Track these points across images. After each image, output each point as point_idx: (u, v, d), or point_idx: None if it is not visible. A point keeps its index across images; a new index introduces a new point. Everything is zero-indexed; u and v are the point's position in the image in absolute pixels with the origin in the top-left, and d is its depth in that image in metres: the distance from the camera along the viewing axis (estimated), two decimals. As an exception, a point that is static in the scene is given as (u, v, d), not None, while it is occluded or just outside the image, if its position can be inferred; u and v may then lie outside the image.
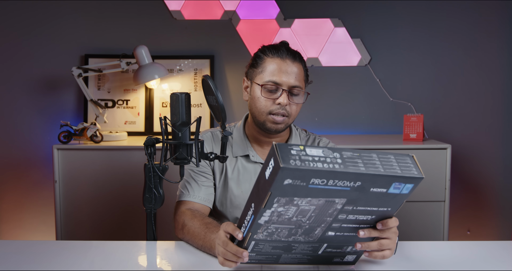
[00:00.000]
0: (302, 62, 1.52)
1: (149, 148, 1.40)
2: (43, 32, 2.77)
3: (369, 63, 2.81)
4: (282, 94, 1.46)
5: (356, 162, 0.95)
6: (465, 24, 2.79)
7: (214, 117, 1.44)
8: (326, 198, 0.97)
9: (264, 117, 1.49)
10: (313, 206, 0.99)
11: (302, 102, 1.51)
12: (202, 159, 1.40)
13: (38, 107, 2.80)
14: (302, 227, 1.04)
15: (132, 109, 2.77)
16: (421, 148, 2.41)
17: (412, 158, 1.03)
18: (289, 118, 1.49)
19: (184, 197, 1.51)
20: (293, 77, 1.47)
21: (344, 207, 1.01)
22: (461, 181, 2.83)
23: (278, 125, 1.49)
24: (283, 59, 1.48)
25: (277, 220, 1.01)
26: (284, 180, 0.91)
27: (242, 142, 1.58)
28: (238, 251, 1.07)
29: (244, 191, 1.55)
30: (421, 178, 1.01)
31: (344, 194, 0.97)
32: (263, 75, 1.48)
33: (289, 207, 0.98)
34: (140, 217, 2.27)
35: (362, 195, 0.99)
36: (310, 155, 0.93)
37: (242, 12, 2.79)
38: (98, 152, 2.41)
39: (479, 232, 2.86)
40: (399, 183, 0.99)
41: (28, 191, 2.81)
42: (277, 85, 1.47)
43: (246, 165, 1.56)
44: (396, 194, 1.02)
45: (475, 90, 2.82)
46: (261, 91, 1.48)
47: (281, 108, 1.47)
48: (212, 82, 1.35)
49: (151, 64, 2.53)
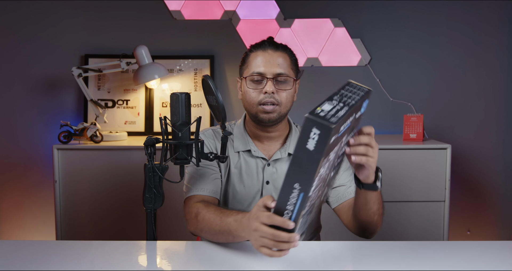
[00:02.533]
0: (288, 52, 1.55)
1: (149, 147, 1.40)
2: (43, 32, 2.78)
3: (369, 63, 2.81)
4: (268, 82, 1.49)
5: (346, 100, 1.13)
6: (465, 24, 2.79)
7: (214, 117, 1.44)
8: (342, 139, 1.11)
9: (255, 109, 1.51)
10: (334, 153, 1.08)
11: (290, 89, 1.52)
12: (202, 158, 1.40)
13: (38, 107, 2.80)
14: (325, 180, 1.12)
15: (132, 109, 2.77)
16: (421, 148, 2.41)
17: (351, 82, 1.23)
18: (281, 107, 1.51)
19: (192, 192, 1.51)
20: (276, 65, 1.50)
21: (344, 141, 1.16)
22: (461, 181, 2.83)
23: (270, 114, 1.50)
24: (265, 50, 1.52)
25: (317, 184, 1.06)
26: (331, 139, 0.99)
27: (243, 137, 1.60)
28: (290, 237, 1.05)
29: (246, 186, 1.57)
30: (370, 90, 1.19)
31: (348, 129, 1.12)
32: (249, 69, 1.53)
33: (325, 164, 1.04)
34: (140, 217, 2.27)
35: (355, 123, 1.16)
36: (328, 110, 1.06)
37: (242, 12, 2.79)
38: (98, 152, 2.41)
39: (479, 232, 2.86)
40: (366, 102, 1.18)
41: (28, 191, 2.81)
42: (261, 75, 1.50)
43: (248, 160, 1.58)
44: (362, 113, 1.20)
45: (475, 90, 2.82)
46: (248, 83, 1.52)
47: (269, 97, 1.49)
48: (212, 82, 1.35)
49: (151, 64, 2.53)
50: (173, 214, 2.29)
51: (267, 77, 1.50)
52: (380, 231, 1.45)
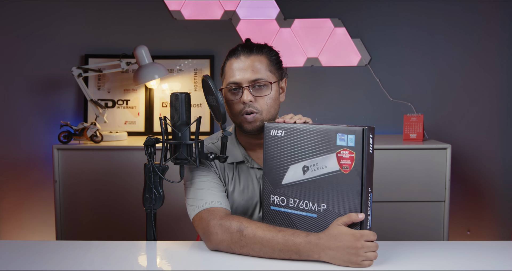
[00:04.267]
0: (265, 52, 1.46)
1: (149, 148, 1.40)
2: (43, 32, 2.78)
3: (369, 63, 2.81)
4: (244, 92, 1.42)
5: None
6: (466, 23, 2.79)
7: (214, 118, 1.44)
8: None
9: (239, 119, 1.45)
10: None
11: (269, 94, 1.44)
12: (202, 159, 1.40)
13: (38, 107, 2.80)
14: None
15: (132, 109, 2.77)
16: (421, 148, 2.41)
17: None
18: (262, 114, 1.43)
19: (203, 206, 1.37)
20: (250, 71, 1.42)
21: None
22: (461, 181, 2.83)
23: (252, 124, 1.43)
24: (237, 57, 1.44)
25: None
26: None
27: (235, 149, 1.52)
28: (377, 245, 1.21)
29: (245, 199, 1.49)
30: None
31: None
32: (226, 80, 1.47)
33: None
34: (140, 217, 2.27)
35: None
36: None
37: (242, 12, 2.79)
38: (98, 152, 2.41)
39: (479, 232, 2.86)
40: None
41: (28, 191, 2.81)
42: (237, 85, 1.43)
43: (244, 172, 1.51)
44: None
45: (475, 90, 2.82)
46: (227, 95, 1.46)
47: (247, 106, 1.42)
48: (212, 82, 1.35)
49: (151, 64, 2.53)
50: (173, 214, 2.29)
51: (242, 86, 1.42)
52: (380, 231, 1.45)
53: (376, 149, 2.38)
